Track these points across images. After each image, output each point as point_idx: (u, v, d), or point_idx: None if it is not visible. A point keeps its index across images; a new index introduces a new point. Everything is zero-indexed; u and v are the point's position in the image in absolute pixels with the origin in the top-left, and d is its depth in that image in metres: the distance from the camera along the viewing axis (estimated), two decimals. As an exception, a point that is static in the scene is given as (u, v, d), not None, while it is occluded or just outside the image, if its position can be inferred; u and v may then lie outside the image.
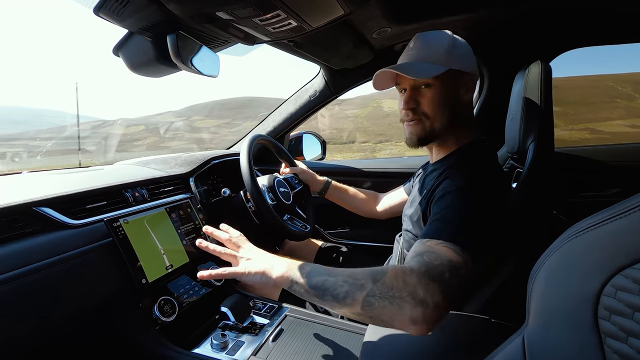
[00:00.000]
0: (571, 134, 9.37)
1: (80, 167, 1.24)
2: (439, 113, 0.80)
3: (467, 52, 0.82)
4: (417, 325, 0.52)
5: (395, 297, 0.53)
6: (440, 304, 0.52)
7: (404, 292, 0.53)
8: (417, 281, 0.54)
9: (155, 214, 0.98)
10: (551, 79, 0.80)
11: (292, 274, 0.62)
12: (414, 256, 0.60)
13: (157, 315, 0.86)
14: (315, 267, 0.62)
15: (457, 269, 0.57)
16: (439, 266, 0.56)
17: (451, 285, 0.55)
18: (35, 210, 0.77)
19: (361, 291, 0.55)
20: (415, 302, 0.52)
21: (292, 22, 0.80)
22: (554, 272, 0.34)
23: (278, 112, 1.68)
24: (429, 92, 0.79)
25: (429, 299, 0.52)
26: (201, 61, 0.86)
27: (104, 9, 0.67)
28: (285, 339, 0.86)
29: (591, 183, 1.29)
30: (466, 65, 0.80)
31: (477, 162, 0.77)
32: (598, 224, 0.30)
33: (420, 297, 0.52)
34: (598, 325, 0.29)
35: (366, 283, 0.55)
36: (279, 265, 0.64)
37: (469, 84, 0.81)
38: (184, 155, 1.33)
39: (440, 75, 0.77)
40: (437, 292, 0.53)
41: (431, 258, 0.58)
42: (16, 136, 8.47)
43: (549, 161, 0.78)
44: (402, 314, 0.52)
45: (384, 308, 0.53)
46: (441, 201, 0.70)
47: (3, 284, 0.63)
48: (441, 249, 0.59)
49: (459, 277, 0.57)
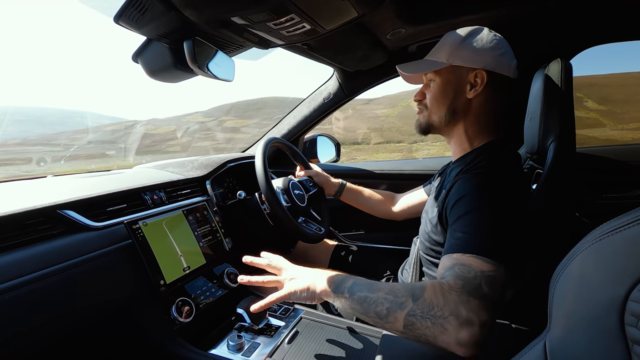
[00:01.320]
0: (623, 133, 8.94)
1: (102, 170, 1.28)
2: (435, 106, 0.84)
3: (479, 48, 0.78)
4: (464, 348, 0.49)
5: (437, 317, 0.51)
6: (486, 322, 0.50)
7: (446, 311, 0.51)
8: (457, 298, 0.52)
9: (173, 217, 0.99)
10: (572, 76, 0.78)
11: (334, 288, 0.63)
12: (445, 271, 0.59)
13: (175, 316, 0.87)
14: (357, 280, 0.63)
15: (493, 279, 0.54)
16: (474, 279, 0.54)
17: (492, 298, 0.53)
18: (59, 212, 0.80)
19: (402, 310, 0.54)
20: (460, 323, 0.50)
21: (306, 26, 0.81)
22: (576, 277, 0.33)
23: (292, 115, 1.69)
24: (433, 86, 0.84)
25: (474, 318, 0.50)
26: (217, 66, 0.87)
27: (124, 17, 0.69)
28: (301, 341, 0.86)
29: (615, 184, 1.24)
30: (472, 62, 0.78)
31: (494, 162, 0.75)
32: (623, 226, 0.29)
33: (464, 317, 0.50)
34: (625, 331, 0.27)
35: (406, 301, 0.54)
36: (321, 279, 0.66)
37: (477, 81, 0.79)
38: (200, 159, 1.35)
39: (441, 70, 0.81)
40: (480, 309, 0.51)
41: (464, 271, 0.56)
42: (56, 136, 8.82)
43: (571, 161, 0.76)
44: (447, 335, 0.50)
45: (427, 329, 0.52)
46: (458, 206, 0.68)
47: (30, 284, 0.66)
48: (472, 261, 0.57)
49: (497, 288, 0.54)
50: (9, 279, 0.64)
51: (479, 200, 0.66)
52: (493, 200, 0.66)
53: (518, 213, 0.68)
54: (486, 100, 0.81)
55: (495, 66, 0.78)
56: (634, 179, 1.23)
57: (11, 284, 0.64)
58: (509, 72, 0.79)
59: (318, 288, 0.65)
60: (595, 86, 7.42)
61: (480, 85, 0.78)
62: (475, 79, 0.79)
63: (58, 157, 2.63)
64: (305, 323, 0.93)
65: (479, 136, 0.83)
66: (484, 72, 0.77)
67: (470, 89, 0.79)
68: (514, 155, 0.80)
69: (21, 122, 6.43)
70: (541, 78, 0.81)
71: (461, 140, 0.85)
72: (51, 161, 2.30)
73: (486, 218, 0.64)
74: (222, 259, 1.10)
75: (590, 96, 8.82)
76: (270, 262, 0.75)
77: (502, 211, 0.65)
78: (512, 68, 0.80)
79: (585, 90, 9.10)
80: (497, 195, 0.67)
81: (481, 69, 0.78)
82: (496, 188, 0.68)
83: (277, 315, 0.96)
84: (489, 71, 0.78)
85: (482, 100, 0.80)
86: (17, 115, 6.74)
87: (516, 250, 0.64)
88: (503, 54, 0.79)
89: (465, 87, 0.80)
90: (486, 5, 1.03)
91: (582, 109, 8.64)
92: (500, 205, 0.66)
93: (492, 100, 0.81)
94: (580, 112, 8.71)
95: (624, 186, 1.24)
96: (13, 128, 5.67)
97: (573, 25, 1.14)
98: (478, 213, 0.65)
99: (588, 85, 9.20)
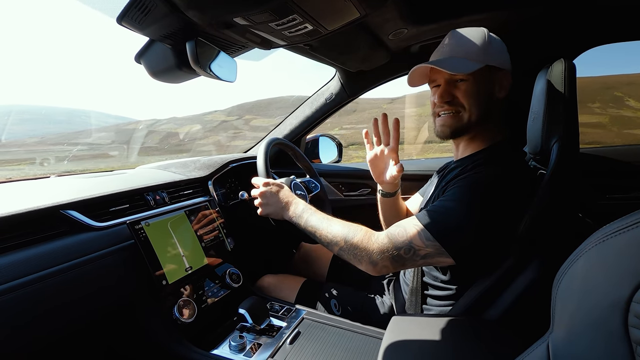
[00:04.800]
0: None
1: (105, 170, 1.28)
2: (474, 106, 0.81)
3: (501, 48, 0.83)
4: (368, 272, 0.75)
5: (356, 255, 0.75)
6: (388, 268, 0.73)
7: (364, 254, 0.74)
8: (376, 249, 0.73)
9: (176, 217, 1.00)
10: (575, 76, 0.77)
11: (296, 218, 0.88)
12: (394, 226, 0.75)
13: (177, 316, 0.88)
14: (312, 215, 0.86)
15: (415, 251, 0.70)
16: (400, 244, 0.71)
17: (402, 259, 0.71)
18: (62, 213, 0.80)
19: (336, 246, 0.78)
20: (369, 262, 0.73)
21: (308, 26, 0.81)
22: (580, 278, 0.33)
23: (294, 116, 1.69)
24: (464, 86, 0.81)
25: (380, 264, 0.72)
26: (219, 66, 0.87)
27: (127, 18, 0.69)
28: (303, 341, 0.86)
29: (619, 185, 1.23)
30: (502, 62, 0.81)
31: (501, 162, 0.77)
32: (627, 227, 0.29)
33: (372, 260, 0.73)
34: (628, 333, 0.27)
35: (340, 241, 0.77)
36: (286, 209, 0.91)
37: (503, 81, 0.82)
38: (203, 159, 1.35)
39: (475, 70, 0.78)
40: (387, 262, 0.72)
41: (400, 234, 0.72)
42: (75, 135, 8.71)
43: (574, 162, 0.75)
44: (359, 265, 0.75)
45: (349, 259, 0.77)
46: (448, 192, 0.75)
47: (33, 284, 0.66)
48: (412, 230, 0.71)
49: (415, 260, 0.71)
50: (13, 278, 0.64)
51: (470, 193, 0.71)
52: (484, 197, 0.70)
53: (507, 214, 0.71)
54: (502, 100, 0.84)
55: (509, 67, 0.83)
56: (637, 179, 1.22)
57: (14, 283, 0.64)
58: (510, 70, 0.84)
59: (284, 216, 0.91)
60: (633, 84, 7.28)
61: (507, 85, 0.82)
62: (503, 79, 0.82)
63: (62, 157, 2.64)
64: (307, 323, 0.93)
65: (492, 135, 0.85)
66: (508, 73, 0.82)
67: (499, 89, 0.82)
68: (521, 156, 0.81)
69: (28, 121, 6.40)
70: (544, 78, 0.81)
71: (477, 140, 0.86)
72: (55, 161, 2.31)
73: (463, 207, 0.70)
74: (224, 259, 1.10)
75: (631, 95, 8.58)
76: (260, 190, 0.97)
77: (486, 209, 0.69)
78: None
79: (624, 89, 8.76)
80: (492, 193, 0.70)
81: (507, 70, 0.82)
82: (495, 187, 0.71)
83: (279, 315, 0.96)
84: (508, 70, 0.82)
85: (502, 100, 0.84)
86: (24, 114, 6.70)
87: (485, 250, 0.71)
88: (507, 52, 0.83)
89: (495, 87, 0.82)
90: (489, 6, 1.03)
91: (626, 109, 8.37)
92: (488, 204, 0.69)
93: (504, 100, 0.84)
94: (627, 112, 8.41)
95: (628, 187, 1.23)
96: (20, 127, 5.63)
97: (576, 25, 1.13)
98: (458, 201, 0.71)
99: (626, 84, 8.85)
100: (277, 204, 0.93)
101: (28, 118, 6.48)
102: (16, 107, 10.85)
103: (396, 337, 0.68)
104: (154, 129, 10.51)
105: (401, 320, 0.74)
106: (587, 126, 8.76)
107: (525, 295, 0.72)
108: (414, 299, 0.90)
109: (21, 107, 12.76)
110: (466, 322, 0.74)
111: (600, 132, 8.50)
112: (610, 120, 8.70)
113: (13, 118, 5.56)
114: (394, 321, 0.73)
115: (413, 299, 0.90)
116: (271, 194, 0.95)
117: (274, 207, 0.94)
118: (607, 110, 8.86)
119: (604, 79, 9.59)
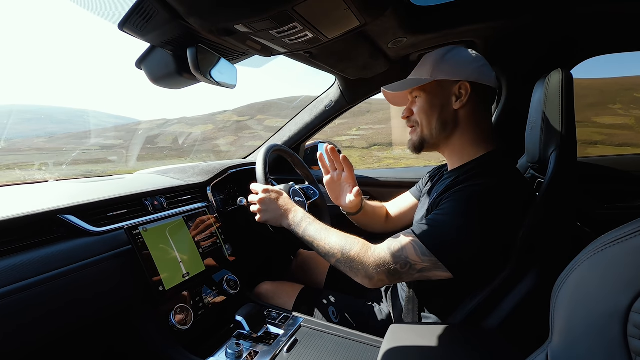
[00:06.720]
0: None
1: (103, 175, 1.28)
2: (425, 120, 0.86)
3: (459, 62, 0.83)
4: (364, 285, 0.76)
5: (353, 268, 0.76)
6: (384, 281, 0.74)
7: (360, 267, 0.75)
8: (372, 262, 0.73)
9: (174, 222, 0.99)
10: (572, 86, 0.78)
11: (294, 227, 0.90)
12: (391, 239, 0.76)
13: (174, 322, 0.87)
14: (310, 225, 0.87)
15: (412, 266, 0.71)
16: (396, 258, 0.72)
17: (398, 274, 0.72)
18: (60, 217, 0.80)
19: (333, 257, 0.79)
20: (365, 275, 0.75)
21: (308, 34, 0.82)
22: (578, 287, 0.32)
23: (294, 122, 1.70)
24: (418, 102, 0.87)
25: (376, 278, 0.74)
26: (220, 73, 0.88)
27: (128, 25, 0.70)
28: (300, 349, 0.85)
29: (617, 194, 1.24)
30: (455, 75, 0.82)
31: (496, 173, 0.76)
32: (625, 236, 0.29)
33: (369, 274, 0.74)
34: (627, 343, 0.27)
35: (337, 253, 0.79)
36: (285, 217, 0.92)
37: (461, 92, 0.82)
38: (201, 165, 1.35)
39: (426, 86, 0.84)
40: (383, 276, 0.73)
41: (396, 248, 0.73)
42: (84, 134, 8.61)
43: (572, 171, 0.76)
44: (356, 277, 0.77)
45: (345, 271, 0.78)
46: (443, 205, 0.75)
47: (30, 289, 0.66)
48: (409, 245, 0.72)
49: (411, 271, 0.71)
50: (10, 282, 0.64)
51: (463, 206, 0.71)
52: (477, 211, 0.70)
53: (500, 226, 0.71)
54: (473, 110, 0.84)
55: (477, 77, 0.82)
56: (635, 189, 1.23)
57: (11, 287, 0.64)
58: (490, 82, 0.83)
59: (282, 223, 0.93)
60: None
61: (465, 95, 0.82)
62: (459, 90, 0.83)
63: (59, 162, 2.63)
64: (305, 331, 0.92)
65: (474, 147, 0.85)
66: (467, 84, 0.82)
67: (456, 100, 0.83)
68: (512, 167, 0.81)
69: (30, 121, 6.37)
70: (542, 88, 0.82)
71: (456, 152, 0.88)
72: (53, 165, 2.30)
73: (457, 221, 0.70)
74: (222, 265, 1.09)
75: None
76: (259, 197, 0.97)
77: (479, 222, 0.69)
78: (493, 78, 0.84)
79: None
80: (483, 206, 0.70)
81: (464, 81, 0.82)
82: (487, 202, 0.71)
83: (276, 323, 0.95)
84: (472, 82, 0.82)
85: (469, 111, 0.84)
86: (26, 114, 6.68)
87: (482, 262, 0.71)
88: (482, 65, 0.84)
89: (451, 99, 0.84)
90: (487, 16, 1.04)
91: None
92: (481, 217, 0.69)
93: (479, 110, 0.84)
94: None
95: (626, 196, 1.23)
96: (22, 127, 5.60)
97: (573, 36, 1.15)
98: (452, 215, 0.71)
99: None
100: (275, 211, 0.94)
101: (30, 118, 6.47)
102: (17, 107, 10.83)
103: (394, 346, 0.67)
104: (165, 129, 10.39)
105: (399, 329, 0.73)
106: (615, 128, 8.70)
107: (524, 305, 0.71)
108: (410, 306, 0.89)
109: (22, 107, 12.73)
110: (465, 331, 0.73)
111: (628, 133, 8.49)
112: (636, 121, 8.68)
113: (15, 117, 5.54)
114: (392, 329, 0.72)
115: (410, 306, 0.90)
116: (270, 201, 0.95)
117: (273, 214, 0.94)
118: (630, 112, 8.85)
119: (619, 81, 9.52)
